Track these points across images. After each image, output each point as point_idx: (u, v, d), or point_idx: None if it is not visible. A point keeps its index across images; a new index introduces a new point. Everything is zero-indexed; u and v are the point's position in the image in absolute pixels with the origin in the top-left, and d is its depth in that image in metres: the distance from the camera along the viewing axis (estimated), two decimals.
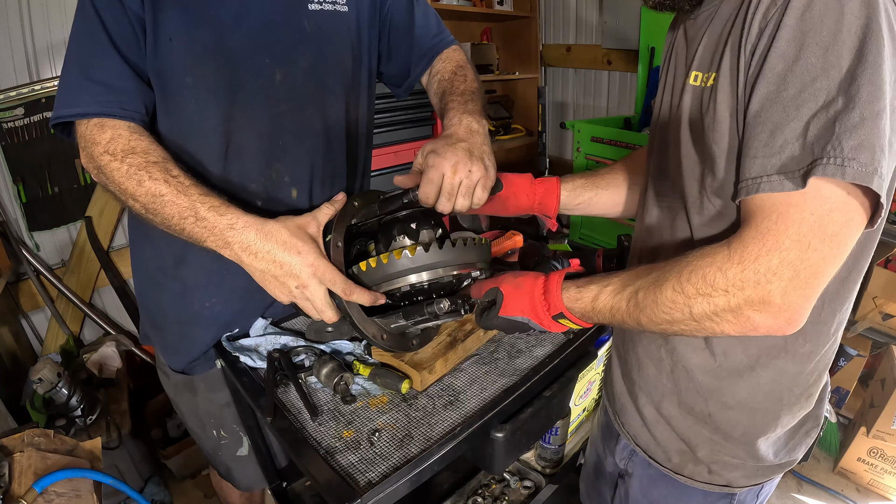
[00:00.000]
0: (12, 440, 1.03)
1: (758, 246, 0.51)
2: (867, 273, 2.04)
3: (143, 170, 0.77)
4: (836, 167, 0.47)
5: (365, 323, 0.78)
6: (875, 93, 0.47)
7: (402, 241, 0.81)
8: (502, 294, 0.75)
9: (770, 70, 0.52)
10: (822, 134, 0.48)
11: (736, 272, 0.52)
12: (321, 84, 0.96)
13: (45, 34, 1.84)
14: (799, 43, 0.50)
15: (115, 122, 0.80)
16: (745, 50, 0.56)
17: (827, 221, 0.49)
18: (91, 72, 0.79)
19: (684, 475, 0.80)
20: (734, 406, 0.73)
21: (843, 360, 2.14)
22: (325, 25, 0.95)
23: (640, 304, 0.60)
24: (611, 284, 0.64)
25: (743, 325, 0.54)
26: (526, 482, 1.29)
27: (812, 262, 0.49)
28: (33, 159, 1.91)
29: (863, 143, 0.47)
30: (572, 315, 0.69)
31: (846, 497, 1.88)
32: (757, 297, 0.51)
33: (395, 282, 0.78)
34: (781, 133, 0.51)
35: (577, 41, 3.24)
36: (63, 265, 2.06)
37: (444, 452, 0.72)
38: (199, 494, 1.94)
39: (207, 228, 0.76)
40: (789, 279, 0.50)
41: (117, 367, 1.98)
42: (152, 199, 0.76)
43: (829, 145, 0.48)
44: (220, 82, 0.86)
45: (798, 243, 0.49)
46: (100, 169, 0.79)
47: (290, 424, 0.77)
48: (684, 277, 0.56)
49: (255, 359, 0.91)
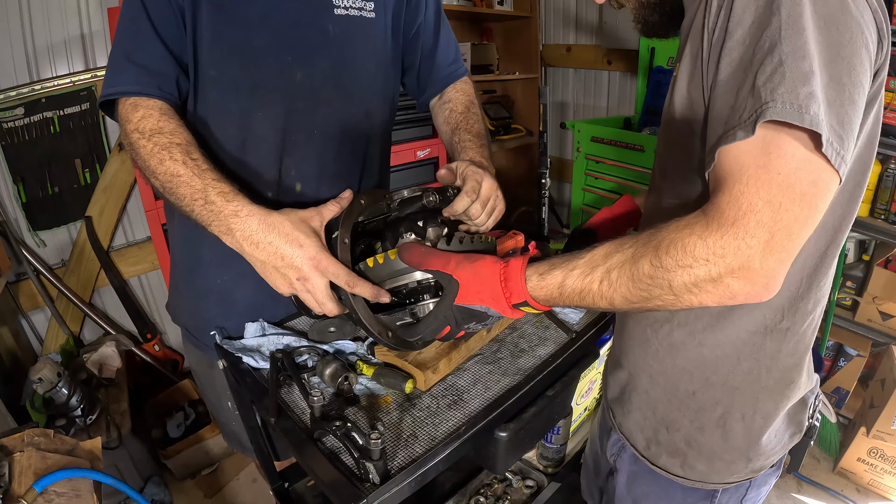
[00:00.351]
0: (12, 440, 1.02)
1: (734, 210, 0.51)
2: (867, 273, 2.05)
3: (166, 150, 0.80)
4: (793, 111, 0.48)
5: (370, 319, 0.78)
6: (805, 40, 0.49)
7: (408, 239, 0.81)
8: (457, 283, 0.71)
9: (730, 38, 0.54)
10: (770, 77, 0.49)
11: (716, 238, 0.51)
12: (340, 87, 0.99)
13: (45, 34, 1.84)
14: (752, 7, 0.52)
15: (149, 102, 0.84)
16: (707, 27, 0.57)
17: (794, 180, 0.49)
18: (132, 55, 0.84)
19: (658, 466, 0.81)
20: (716, 384, 0.73)
21: (843, 360, 2.15)
22: (350, 30, 0.97)
23: (613, 283, 0.59)
24: (577, 268, 0.62)
25: (722, 293, 0.53)
26: (528, 481, 1.29)
27: (785, 223, 0.50)
28: (33, 159, 1.91)
29: (813, 92, 0.48)
30: (535, 302, 0.67)
31: (846, 497, 1.89)
32: (737, 263, 0.51)
33: (402, 278, 0.78)
34: (741, 91, 0.52)
35: (577, 41, 3.24)
36: (63, 265, 2.06)
37: (448, 452, 0.72)
38: (199, 494, 1.94)
39: (214, 213, 0.78)
40: (765, 242, 0.50)
41: (117, 367, 1.98)
42: (170, 179, 0.79)
43: (780, 87, 0.48)
44: (242, 78, 0.90)
45: (769, 204, 0.49)
46: (130, 145, 0.83)
47: (293, 425, 0.76)
48: (662, 251, 0.55)
49: (258, 359, 0.91)
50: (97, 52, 1.95)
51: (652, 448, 0.82)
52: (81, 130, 1.98)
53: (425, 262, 0.73)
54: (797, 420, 0.80)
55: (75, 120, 1.95)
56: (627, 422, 0.86)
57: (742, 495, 0.81)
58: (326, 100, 0.98)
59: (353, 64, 1.00)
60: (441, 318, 0.72)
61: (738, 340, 0.71)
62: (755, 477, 0.80)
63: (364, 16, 0.99)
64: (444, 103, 1.15)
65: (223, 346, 0.96)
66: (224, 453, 2.06)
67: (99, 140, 2.02)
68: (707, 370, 0.74)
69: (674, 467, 0.80)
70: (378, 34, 1.03)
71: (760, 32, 0.51)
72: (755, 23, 0.52)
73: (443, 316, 0.72)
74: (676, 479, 0.80)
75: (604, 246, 0.62)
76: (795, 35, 0.49)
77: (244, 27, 0.88)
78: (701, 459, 0.78)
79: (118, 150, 2.04)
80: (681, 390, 0.77)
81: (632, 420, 0.85)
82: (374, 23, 1.01)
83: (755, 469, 0.79)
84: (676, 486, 0.81)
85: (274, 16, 0.89)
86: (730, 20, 0.54)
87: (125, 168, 2.04)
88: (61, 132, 1.94)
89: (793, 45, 0.49)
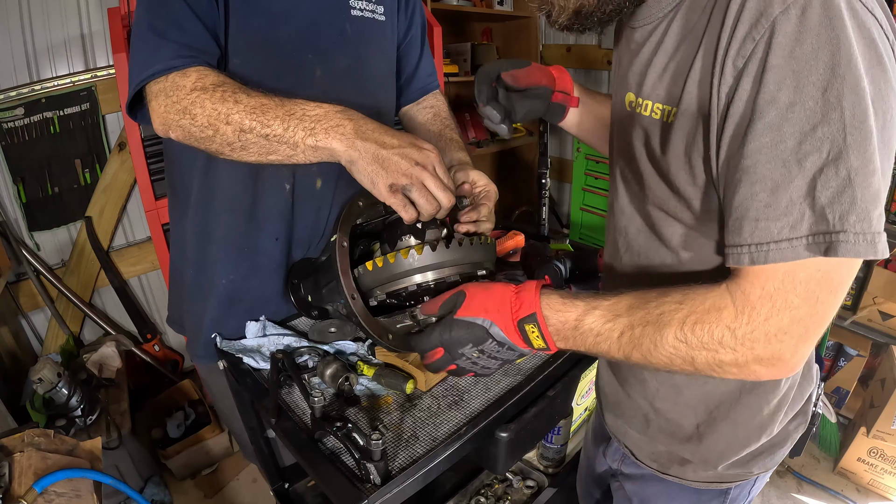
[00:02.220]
0: (12, 440, 1.02)
1: (767, 307, 0.48)
2: (867, 273, 2.05)
3: (240, 91, 0.75)
4: (867, 245, 0.44)
5: (370, 322, 0.78)
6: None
7: (408, 241, 0.81)
8: (464, 294, 0.66)
9: (759, 119, 0.46)
10: (838, 197, 0.44)
11: (745, 332, 0.50)
12: (356, 85, 1.01)
13: (45, 34, 1.84)
14: (792, 86, 0.44)
15: (199, 67, 0.78)
16: (720, 92, 0.50)
17: (833, 275, 0.47)
18: (168, 34, 0.78)
19: (668, 473, 0.80)
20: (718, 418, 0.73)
21: (843, 360, 2.15)
22: (365, 31, 1.00)
23: (635, 341, 0.56)
24: (599, 308, 0.59)
25: (747, 375, 0.53)
26: (528, 482, 1.29)
27: (820, 315, 0.48)
28: (33, 159, 1.91)
29: (881, 213, 0.44)
30: (545, 324, 0.61)
31: (846, 497, 1.89)
32: (767, 355, 0.50)
33: (402, 281, 0.78)
34: (786, 191, 0.46)
35: (577, 41, 3.24)
36: (63, 265, 2.06)
37: (449, 452, 0.71)
38: (199, 494, 1.94)
39: (319, 115, 0.73)
40: (800, 336, 0.48)
41: (117, 367, 1.97)
42: (252, 110, 0.73)
43: (851, 215, 0.44)
44: (265, 69, 0.90)
45: (807, 301, 0.48)
46: (185, 110, 0.75)
47: (294, 426, 0.76)
48: (687, 328, 0.52)
49: (258, 360, 0.91)
50: (97, 52, 1.95)
51: (659, 461, 0.81)
52: (81, 130, 1.97)
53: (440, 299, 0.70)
54: (803, 410, 0.79)
55: (75, 120, 1.95)
56: (628, 439, 0.85)
57: (751, 486, 0.81)
58: (343, 98, 0.98)
59: (368, 64, 1.02)
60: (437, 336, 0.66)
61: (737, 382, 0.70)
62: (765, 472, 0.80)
63: (377, 18, 1.02)
64: (426, 108, 1.18)
65: (223, 347, 0.96)
66: (224, 453, 2.06)
67: (99, 140, 2.02)
68: (711, 405, 0.73)
69: (684, 473, 0.79)
70: (388, 36, 1.07)
71: (811, 126, 0.44)
72: (796, 106, 0.44)
73: (438, 333, 0.66)
74: (687, 482, 0.79)
75: (628, 296, 0.58)
76: (863, 142, 0.43)
77: (269, 20, 0.88)
78: (711, 469, 0.77)
79: (118, 150, 2.04)
80: (685, 426, 0.76)
81: (632, 439, 0.84)
82: (384, 25, 1.04)
83: (768, 467, 0.79)
84: (688, 489, 0.80)
85: (296, 13, 0.91)
86: (759, 96, 0.46)
87: (125, 168, 2.04)
88: (61, 132, 1.94)
89: (862, 156, 0.43)
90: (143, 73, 0.78)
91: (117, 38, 1.54)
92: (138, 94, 0.81)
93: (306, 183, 1.00)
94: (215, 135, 0.75)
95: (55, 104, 1.90)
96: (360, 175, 0.73)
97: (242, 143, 0.75)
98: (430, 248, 0.76)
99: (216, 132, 0.75)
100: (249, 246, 0.99)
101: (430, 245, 0.76)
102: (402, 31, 1.12)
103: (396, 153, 0.71)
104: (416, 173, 0.71)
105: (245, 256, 1.01)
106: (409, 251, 0.76)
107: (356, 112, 0.75)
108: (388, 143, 0.71)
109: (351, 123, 0.72)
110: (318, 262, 1.01)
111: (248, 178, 0.94)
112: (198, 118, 0.75)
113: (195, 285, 1.05)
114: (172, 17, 0.79)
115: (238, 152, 0.76)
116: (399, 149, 0.71)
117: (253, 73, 0.89)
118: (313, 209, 1.03)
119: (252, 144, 0.75)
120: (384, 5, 1.03)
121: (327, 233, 1.06)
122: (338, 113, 0.74)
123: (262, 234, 1.00)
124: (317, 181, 1.01)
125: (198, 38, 0.80)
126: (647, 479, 0.85)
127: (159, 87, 0.78)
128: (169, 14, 0.79)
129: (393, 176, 0.71)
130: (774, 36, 0.45)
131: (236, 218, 0.97)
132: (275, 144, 0.74)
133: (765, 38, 0.45)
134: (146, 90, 0.80)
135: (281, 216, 1.00)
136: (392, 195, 0.72)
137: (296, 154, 0.74)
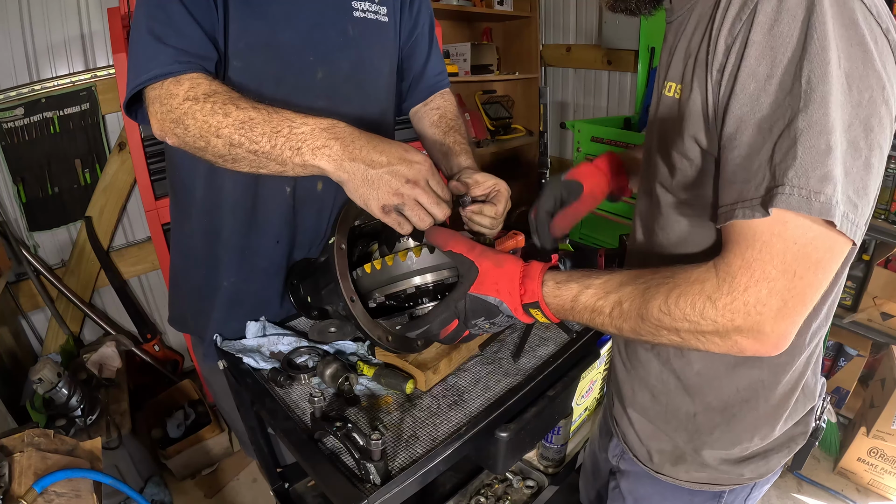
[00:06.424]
0: (12, 440, 1.02)
1: (746, 276, 0.50)
2: (867, 273, 2.05)
3: (230, 103, 0.74)
4: (800, 200, 0.46)
5: (370, 325, 0.78)
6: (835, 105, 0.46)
7: (406, 243, 0.81)
8: (477, 269, 0.69)
9: (741, 90, 0.51)
10: (784, 156, 0.47)
11: (726, 302, 0.51)
12: (359, 87, 1.00)
13: (45, 34, 1.84)
14: (769, 60, 0.49)
15: (193, 75, 0.78)
16: (713, 68, 0.54)
17: (811, 249, 0.48)
18: (167, 39, 0.78)
19: (663, 473, 0.81)
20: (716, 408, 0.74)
21: (843, 360, 2.15)
22: (367, 32, 1.00)
23: (624, 314, 0.59)
24: (592, 286, 0.63)
25: (730, 347, 0.54)
26: (528, 482, 1.29)
27: (799, 290, 0.49)
28: (33, 159, 1.91)
29: (828, 173, 0.45)
30: (547, 308, 0.66)
31: (846, 497, 1.89)
32: (746, 326, 0.51)
33: (400, 284, 0.78)
34: (756, 156, 0.50)
35: (577, 41, 3.24)
36: (63, 265, 2.06)
37: (449, 452, 0.72)
38: (199, 494, 1.94)
39: (305, 133, 0.72)
40: (778, 309, 0.50)
41: (117, 367, 1.97)
42: (240, 125, 0.72)
43: (790, 170, 0.47)
44: (266, 72, 0.90)
45: (784, 273, 0.49)
46: (178, 120, 0.75)
47: (294, 426, 0.76)
48: (672, 301, 0.55)
49: (258, 360, 0.91)
50: (97, 52, 1.95)
51: (655, 459, 0.82)
52: (81, 130, 1.98)
53: (450, 244, 0.72)
54: (804, 421, 0.80)
55: (75, 120, 1.95)
56: (628, 434, 0.86)
57: (747, 494, 0.81)
58: (346, 100, 0.99)
59: (371, 65, 1.02)
60: (452, 307, 0.70)
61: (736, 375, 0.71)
62: (760, 479, 0.80)
63: (379, 19, 1.01)
64: (433, 109, 1.17)
65: (223, 347, 0.96)
66: (224, 453, 2.06)
67: (99, 140, 2.02)
68: (708, 395, 0.74)
69: (678, 473, 0.80)
70: (390, 37, 1.06)
71: (783, 94, 0.48)
72: (773, 79, 0.49)
73: (454, 305, 0.70)
74: (681, 483, 0.80)
75: (621, 273, 0.62)
76: (816, 104, 0.46)
77: (270, 23, 0.88)
78: (705, 470, 0.78)
79: (118, 150, 2.04)
80: (682, 412, 0.77)
81: (632, 433, 0.85)
82: (387, 26, 1.04)
83: (761, 473, 0.79)
84: (682, 489, 0.81)
85: (297, 15, 0.90)
86: (741, 69, 0.51)
87: (125, 168, 2.04)
88: (61, 132, 1.94)
89: (812, 117, 0.46)
90: (140, 78, 0.78)
91: (117, 37, 1.54)
92: (137, 94, 0.81)
93: (307, 185, 0.99)
94: (207, 146, 0.75)
95: (55, 104, 1.90)
96: (352, 195, 0.72)
97: (233, 157, 0.75)
98: (429, 251, 0.76)
99: (208, 144, 0.75)
100: (251, 248, 1.00)
101: (427, 247, 0.76)
102: (407, 30, 1.12)
103: (386, 172, 0.70)
104: (406, 192, 0.70)
105: (246, 259, 1.01)
106: (408, 253, 0.76)
107: (344, 127, 0.73)
108: (377, 161, 0.70)
109: (338, 143, 0.70)
110: (317, 263, 1.01)
111: (249, 181, 0.94)
112: (190, 129, 0.75)
113: (203, 286, 1.05)
114: (170, 22, 0.78)
115: (230, 164, 0.76)
116: (388, 167, 0.70)
117: (254, 75, 0.88)
118: (314, 211, 1.03)
119: (242, 158, 0.74)
120: (387, 6, 1.02)
121: (328, 235, 1.06)
122: (324, 131, 0.71)
123: (263, 237, 1.00)
124: (318, 183, 1.01)
125: (195, 43, 0.80)
126: (642, 478, 0.85)
127: (155, 94, 0.78)
128: (167, 18, 0.79)
129: (385, 197, 0.70)
130: (756, 15, 0.49)
131: (238, 220, 0.97)
132: (263, 160, 0.73)
133: (749, 18, 0.50)
134: (145, 93, 0.80)
135: (282, 219, 1.00)
136: (385, 215, 0.72)
137: (286, 170, 0.74)
